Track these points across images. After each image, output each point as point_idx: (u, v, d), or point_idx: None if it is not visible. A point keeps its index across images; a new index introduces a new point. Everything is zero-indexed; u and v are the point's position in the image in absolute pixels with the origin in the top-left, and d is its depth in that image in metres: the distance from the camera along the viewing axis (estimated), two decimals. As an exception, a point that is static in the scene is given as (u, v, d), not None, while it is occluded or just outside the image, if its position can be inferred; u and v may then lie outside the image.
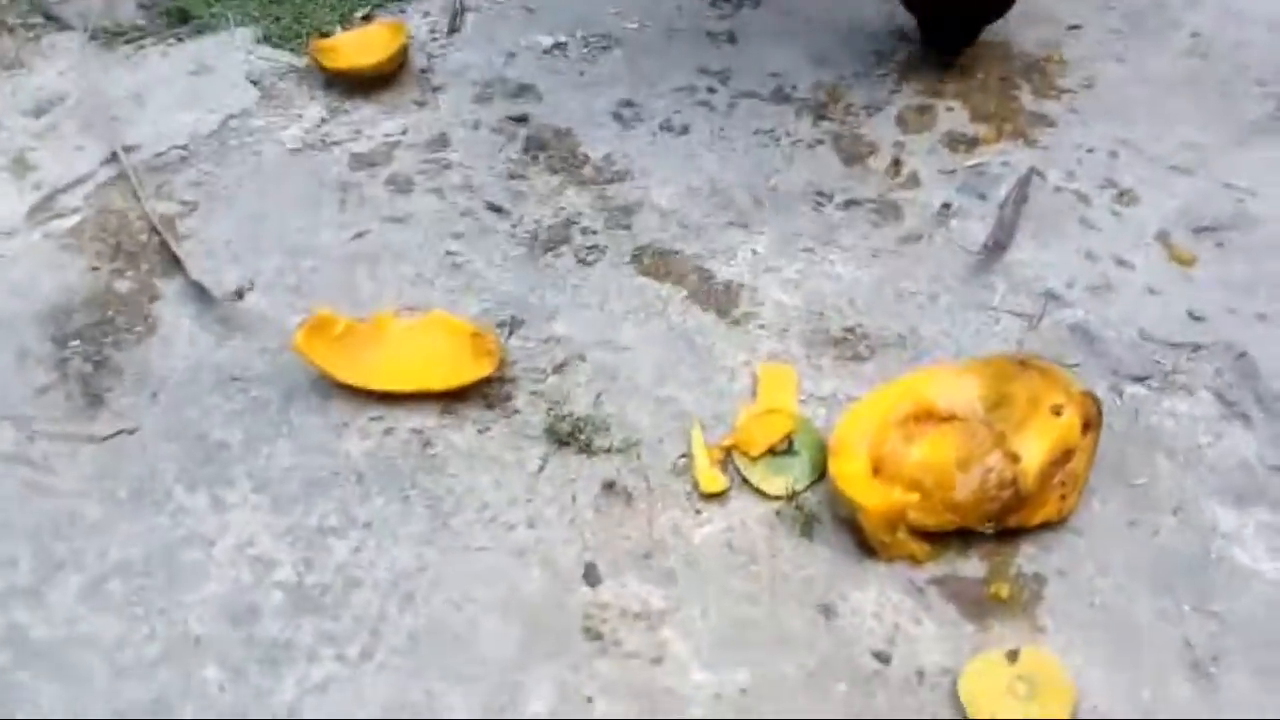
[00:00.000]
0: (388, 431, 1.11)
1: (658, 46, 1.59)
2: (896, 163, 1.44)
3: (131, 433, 1.13)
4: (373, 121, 1.50)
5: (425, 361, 1.15)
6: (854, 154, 1.46)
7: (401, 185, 1.40)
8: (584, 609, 0.98)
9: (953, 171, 1.42)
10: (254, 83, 1.55)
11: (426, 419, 1.13)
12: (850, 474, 1.02)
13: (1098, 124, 1.48)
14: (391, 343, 1.17)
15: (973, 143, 1.46)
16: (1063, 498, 1.03)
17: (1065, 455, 1.02)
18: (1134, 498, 1.09)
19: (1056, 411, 1.03)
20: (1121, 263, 1.30)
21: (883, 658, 0.96)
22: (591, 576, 1.01)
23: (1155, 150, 1.45)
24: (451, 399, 1.14)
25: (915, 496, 0.99)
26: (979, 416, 1.05)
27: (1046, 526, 1.05)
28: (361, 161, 1.43)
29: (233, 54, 1.60)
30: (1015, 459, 1.00)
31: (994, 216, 1.35)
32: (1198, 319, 1.24)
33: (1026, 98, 1.52)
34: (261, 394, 1.16)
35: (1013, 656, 0.95)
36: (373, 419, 1.13)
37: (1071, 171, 1.41)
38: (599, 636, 0.97)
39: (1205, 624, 1.00)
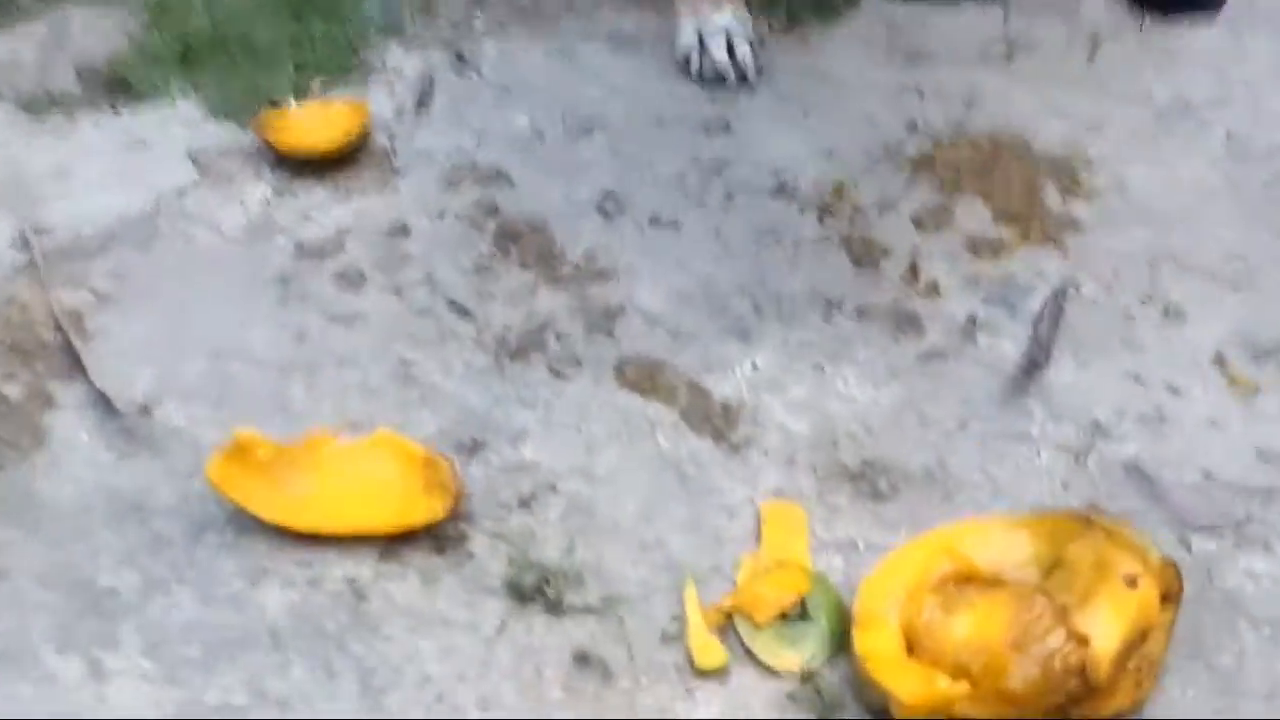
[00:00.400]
0: (314, 582, 0.92)
1: (645, 132, 1.43)
2: (914, 268, 1.28)
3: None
4: (324, 206, 1.33)
5: (365, 496, 0.96)
6: (865, 257, 1.30)
7: (352, 280, 1.22)
8: (548, 823, 0.78)
9: (977, 280, 1.26)
10: (193, 160, 1.38)
11: (362, 566, 0.93)
12: (880, 653, 0.83)
13: (1132, 229, 1.33)
14: (326, 471, 0.98)
15: (997, 247, 1.30)
16: (1138, 685, 0.85)
17: (1141, 636, 0.84)
18: (1217, 681, 0.90)
19: (1131, 582, 0.85)
20: (1174, 390, 1.13)
21: None
22: (558, 778, 0.81)
23: (1198, 260, 1.29)
24: (394, 540, 0.94)
25: (964, 687, 0.80)
26: (1034, 583, 0.86)
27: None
28: (307, 251, 1.26)
29: (173, 127, 1.43)
30: (1083, 640, 0.82)
31: (1027, 332, 1.18)
32: (1269, 459, 1.07)
33: (1053, 198, 1.37)
34: (165, 529, 0.97)
35: None
36: (297, 565, 0.93)
37: (1109, 285, 1.26)
38: None
39: None
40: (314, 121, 1.38)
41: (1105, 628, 0.82)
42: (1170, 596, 0.86)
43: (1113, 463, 1.06)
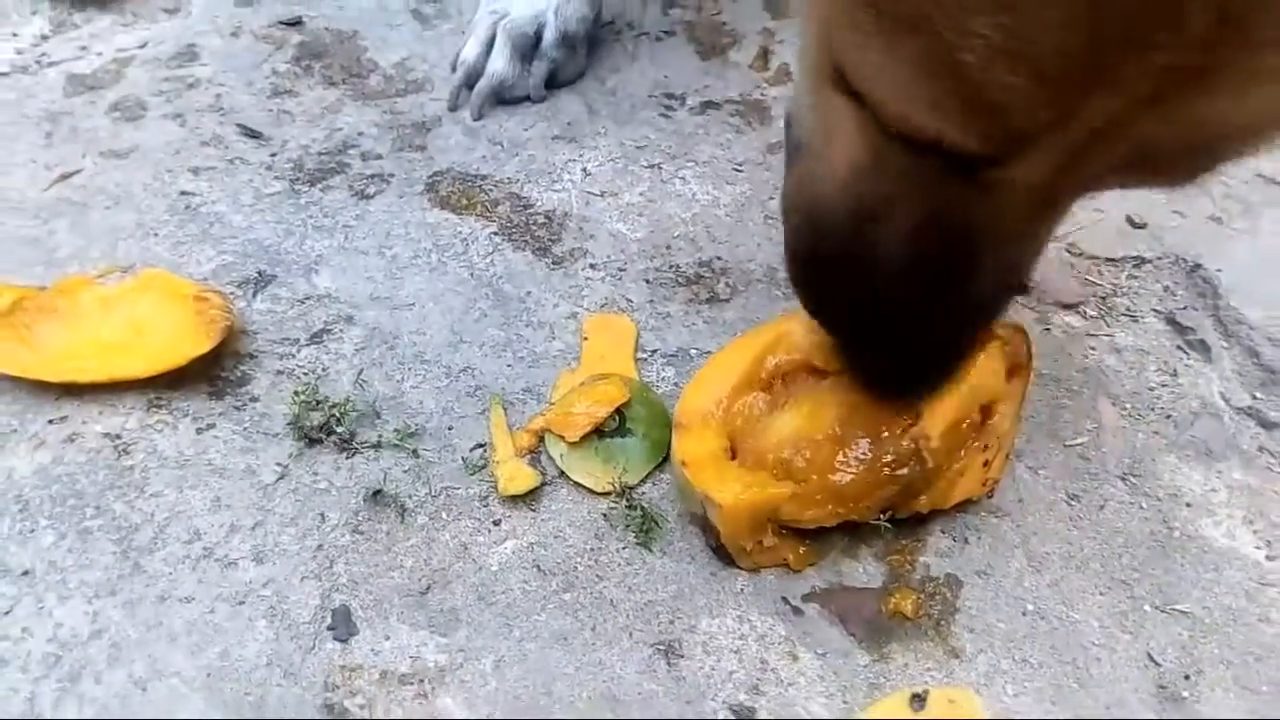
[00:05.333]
0: (70, 439, 0.81)
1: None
2: (764, 54, 1.16)
3: None
4: (105, 36, 1.18)
5: (127, 340, 0.84)
6: (713, 46, 1.17)
7: (130, 111, 1.08)
8: (326, 676, 0.70)
9: (833, 61, 1.14)
10: (-43, -4, 1.21)
11: (127, 419, 0.83)
12: (698, 457, 0.75)
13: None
14: (83, 317, 0.86)
15: (857, 26, 1.18)
16: (986, 465, 0.77)
17: (985, 410, 0.76)
18: (1072, 462, 0.83)
19: None
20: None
21: (744, 713, 0.69)
22: (342, 628, 0.72)
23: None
24: (164, 388, 0.84)
25: (789, 487, 0.72)
26: None
27: (966, 507, 0.79)
28: (80, 84, 1.11)
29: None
30: (914, 421, 0.73)
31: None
32: (1139, 226, 0.98)
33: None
34: (-99, 395, 0.85)
35: (919, 702, 0.69)
36: (51, 423, 0.82)
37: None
38: (344, 714, 0.68)
39: (1172, 629, 0.75)
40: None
41: (938, 404, 0.73)
42: (1019, 368, 0.77)
43: (969, 243, 0.96)
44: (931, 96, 0.50)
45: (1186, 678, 0.72)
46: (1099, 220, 0.99)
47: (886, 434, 0.73)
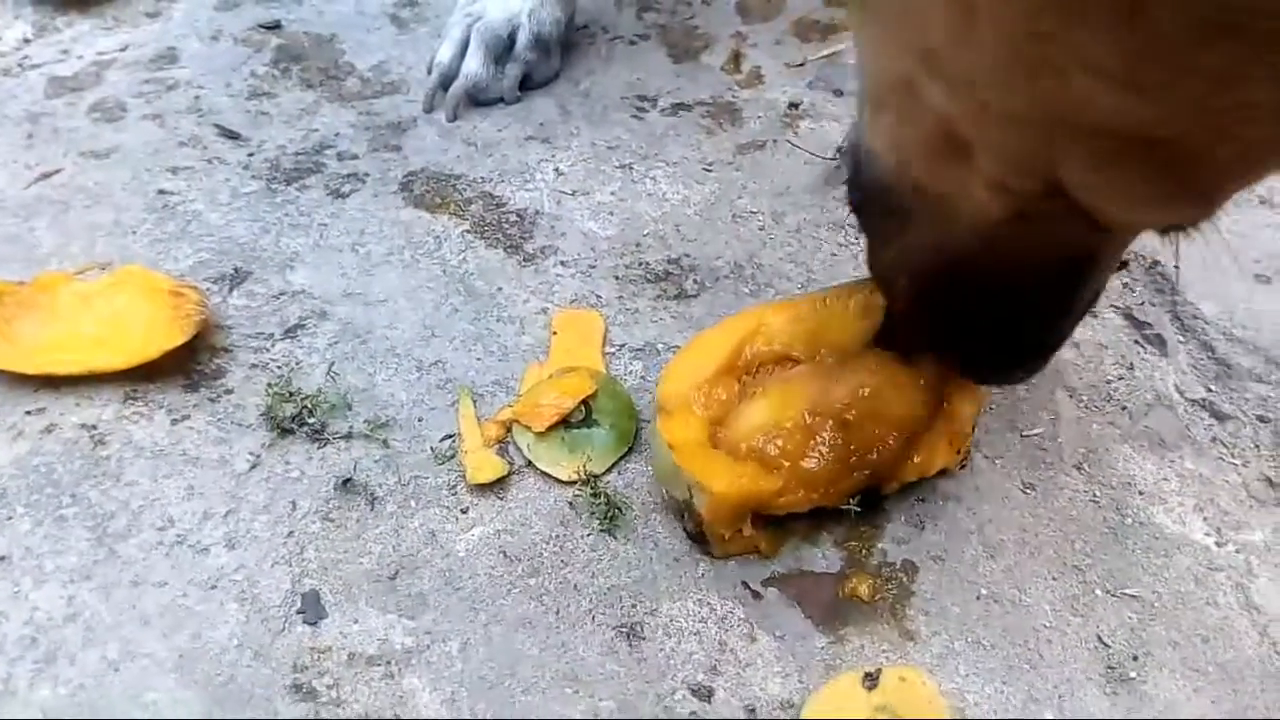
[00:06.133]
0: (48, 430, 0.83)
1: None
2: (736, 57, 1.18)
3: None
4: (87, 39, 1.20)
5: (105, 334, 0.86)
6: (685, 49, 1.19)
7: (110, 113, 1.10)
8: (296, 657, 0.72)
9: (802, 64, 1.17)
10: (-59, 0, 1.23)
11: (104, 410, 0.84)
12: (686, 442, 0.76)
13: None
14: (62, 312, 0.88)
15: (827, 30, 1.21)
16: (951, 442, 0.79)
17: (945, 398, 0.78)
18: (1029, 451, 0.85)
19: None
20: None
21: (703, 693, 0.71)
22: (311, 611, 0.74)
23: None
24: (140, 381, 0.86)
25: (778, 482, 0.74)
26: (835, 359, 0.79)
27: (925, 494, 0.81)
28: (61, 86, 1.13)
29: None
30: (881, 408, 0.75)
31: (851, 114, 1.10)
32: (1098, 223, 1.00)
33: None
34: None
35: (870, 681, 0.71)
36: (29, 414, 0.84)
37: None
38: (312, 694, 0.70)
39: (1122, 612, 0.77)
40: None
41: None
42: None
43: (931, 240, 0.98)
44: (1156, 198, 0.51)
45: (1135, 659, 0.74)
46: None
47: (854, 421, 0.75)
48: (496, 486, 0.81)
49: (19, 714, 0.67)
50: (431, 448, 0.83)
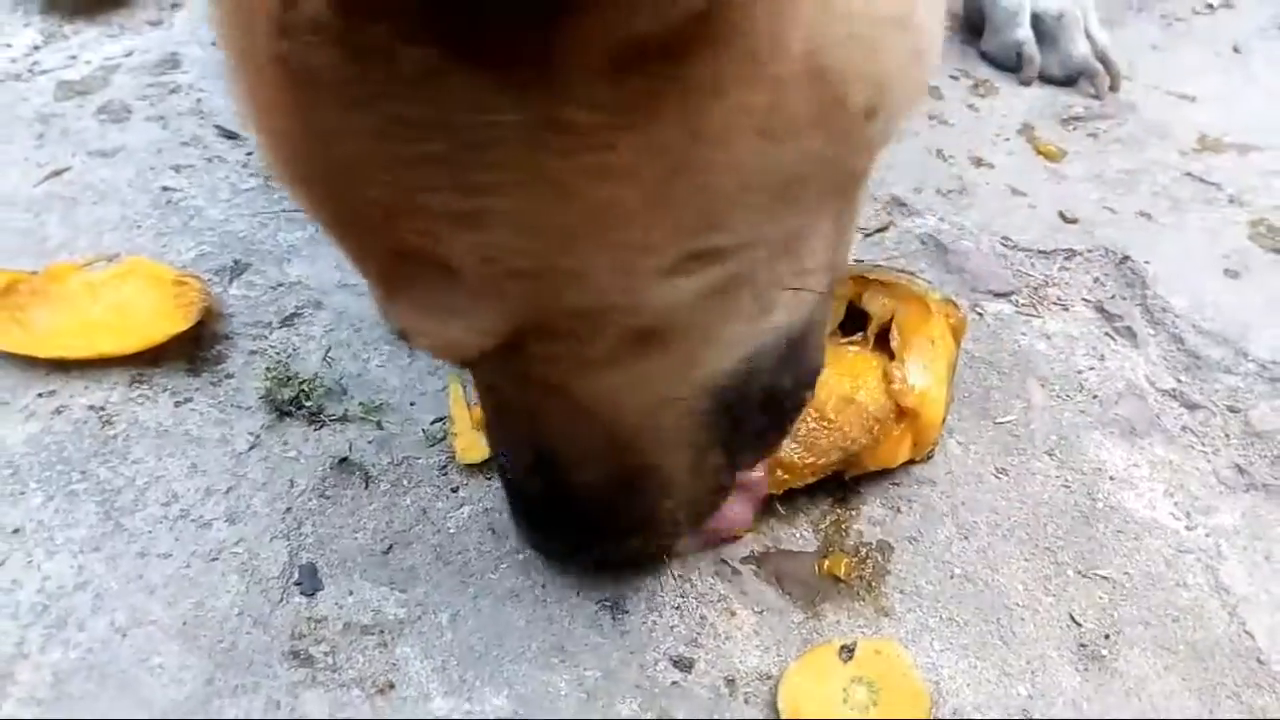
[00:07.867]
0: (59, 410, 0.86)
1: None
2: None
3: None
4: (93, 46, 1.23)
5: (111, 320, 0.89)
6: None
7: (116, 114, 1.14)
8: (294, 626, 0.74)
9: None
10: (-45, 7, 1.27)
11: (111, 393, 0.87)
12: None
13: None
14: (71, 300, 0.91)
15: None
16: (914, 437, 0.82)
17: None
18: (1002, 438, 0.88)
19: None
20: (979, 162, 1.09)
21: (684, 664, 0.74)
22: (308, 583, 0.77)
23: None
24: (146, 365, 0.89)
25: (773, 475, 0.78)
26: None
27: (895, 482, 0.84)
28: (70, 90, 1.17)
29: (-67, -27, 1.31)
30: (847, 400, 0.79)
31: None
32: (1070, 221, 1.04)
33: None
34: (-103, 372, 0.90)
35: (847, 653, 0.74)
36: (40, 396, 0.87)
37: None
38: (309, 660, 0.73)
39: (1094, 592, 0.79)
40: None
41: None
42: (955, 334, 0.83)
43: (910, 236, 1.02)
44: None
45: (1106, 637, 0.77)
46: (1032, 215, 1.04)
47: (830, 406, 0.78)
48: (485, 467, 0.84)
49: (31, 675, 0.70)
50: (423, 430, 0.86)
